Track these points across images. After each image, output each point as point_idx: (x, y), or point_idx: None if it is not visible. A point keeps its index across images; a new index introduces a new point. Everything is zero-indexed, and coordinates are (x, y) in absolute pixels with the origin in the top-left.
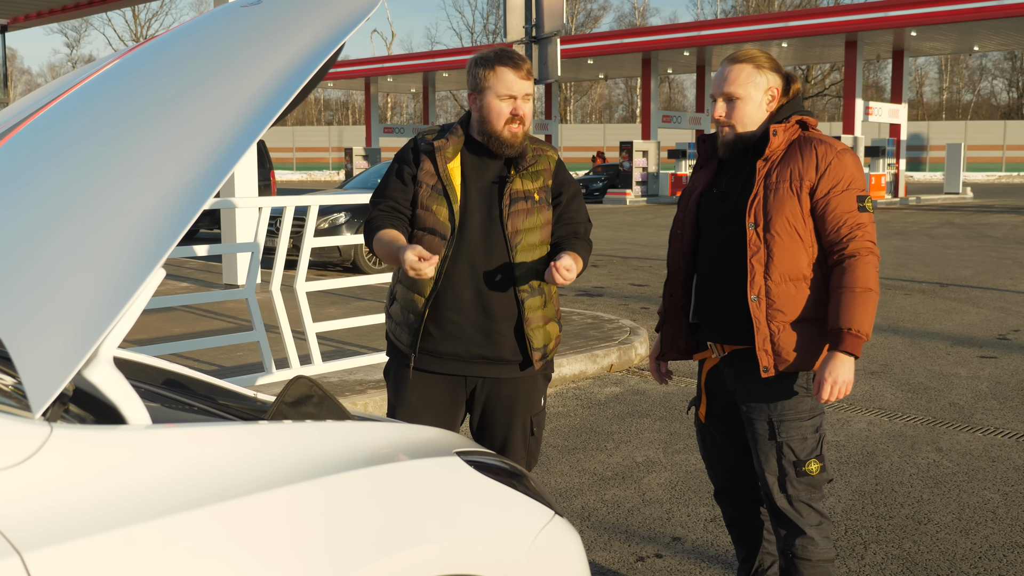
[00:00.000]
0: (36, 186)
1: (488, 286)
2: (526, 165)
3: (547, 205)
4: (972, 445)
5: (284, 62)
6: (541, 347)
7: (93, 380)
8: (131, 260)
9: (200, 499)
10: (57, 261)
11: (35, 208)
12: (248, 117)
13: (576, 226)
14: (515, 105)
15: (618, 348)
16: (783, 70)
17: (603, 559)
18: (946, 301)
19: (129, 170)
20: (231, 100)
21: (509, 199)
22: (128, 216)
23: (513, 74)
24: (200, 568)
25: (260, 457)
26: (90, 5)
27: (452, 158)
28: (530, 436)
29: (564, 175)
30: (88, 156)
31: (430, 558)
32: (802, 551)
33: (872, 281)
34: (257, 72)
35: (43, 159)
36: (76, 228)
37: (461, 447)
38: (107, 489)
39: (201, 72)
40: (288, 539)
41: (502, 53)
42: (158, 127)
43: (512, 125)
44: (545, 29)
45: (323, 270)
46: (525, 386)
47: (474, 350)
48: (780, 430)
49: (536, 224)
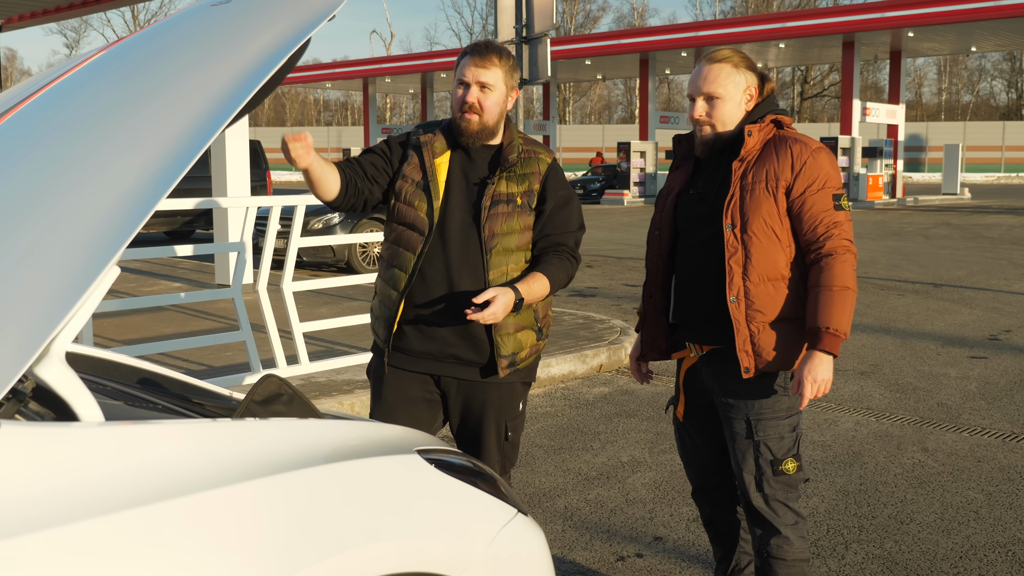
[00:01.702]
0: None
1: (460, 287)
2: (510, 166)
3: (529, 210)
4: (958, 445)
5: (246, 59)
6: (509, 355)
7: (44, 377)
8: (83, 258)
9: (150, 496)
10: (5, 259)
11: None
12: (207, 114)
13: (558, 238)
14: (467, 92)
15: (608, 348)
16: (758, 69)
17: (584, 559)
18: (939, 302)
19: (84, 169)
20: (192, 97)
21: (490, 200)
22: (80, 214)
23: (470, 61)
24: (145, 564)
25: (216, 455)
26: (84, 5)
27: (440, 153)
28: (504, 441)
29: (555, 181)
30: (45, 155)
31: (385, 555)
32: (777, 551)
33: (849, 279)
34: (219, 69)
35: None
36: (27, 226)
37: (424, 445)
38: (53, 485)
39: (165, 70)
40: (237, 536)
41: (471, 45)
42: (116, 126)
43: (464, 113)
44: (535, 29)
45: (317, 270)
46: (501, 391)
47: (447, 350)
48: (757, 429)
49: (514, 229)
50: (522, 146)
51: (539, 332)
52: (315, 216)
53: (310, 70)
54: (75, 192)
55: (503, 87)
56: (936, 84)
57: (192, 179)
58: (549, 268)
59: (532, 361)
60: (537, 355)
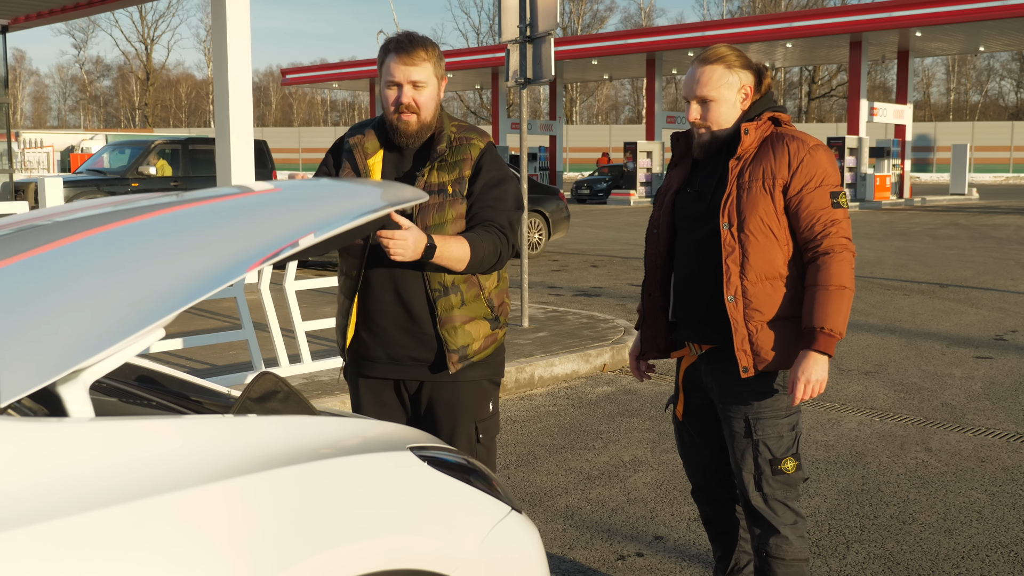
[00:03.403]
0: (81, 261)
1: (404, 288)
2: (438, 156)
3: (461, 199)
4: (962, 445)
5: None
6: (458, 348)
7: (64, 396)
8: (125, 317)
9: (139, 491)
10: (62, 304)
11: (86, 266)
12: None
13: (486, 214)
14: (399, 93)
15: (611, 348)
16: (754, 65)
17: (584, 558)
18: (945, 302)
19: (147, 266)
20: (226, 246)
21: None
22: (130, 289)
23: (397, 59)
24: (134, 559)
25: (207, 451)
26: (90, 5)
27: (372, 153)
28: (476, 443)
29: (487, 162)
30: (128, 251)
31: (375, 551)
32: (776, 550)
33: (847, 278)
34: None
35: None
36: (96, 285)
37: (418, 442)
38: (42, 480)
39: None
40: (227, 532)
41: (394, 38)
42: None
43: (400, 114)
44: (539, 28)
45: (322, 270)
46: (467, 390)
47: (403, 352)
48: (756, 428)
49: (446, 219)
50: (454, 134)
51: (494, 321)
52: None
53: (317, 70)
54: (139, 273)
55: (435, 80)
56: (944, 84)
57: (197, 179)
58: (470, 235)
59: (491, 353)
60: (497, 346)
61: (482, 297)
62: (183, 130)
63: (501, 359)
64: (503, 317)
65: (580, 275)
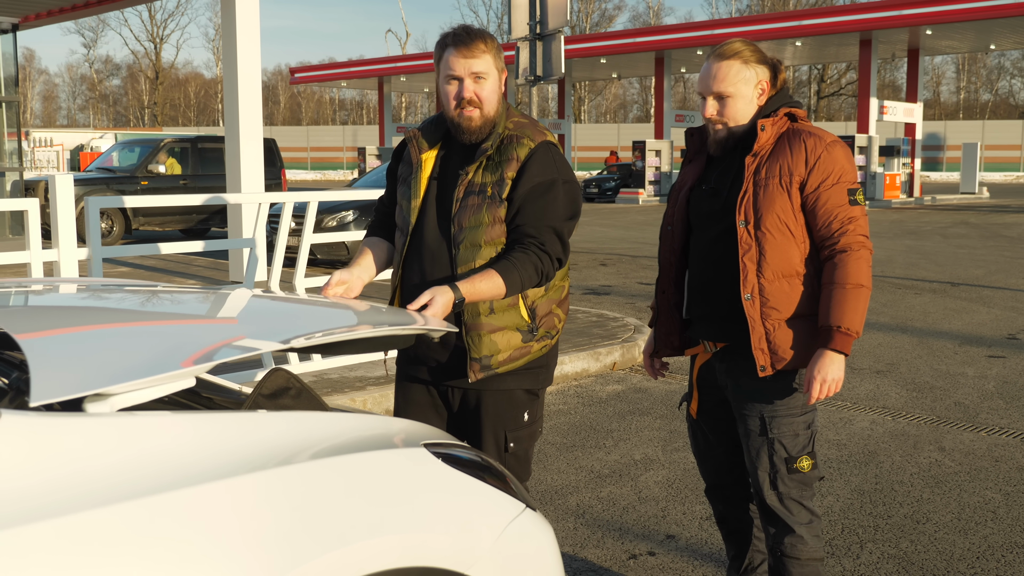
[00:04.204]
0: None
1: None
2: (483, 153)
3: (499, 201)
4: (975, 445)
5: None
6: (481, 357)
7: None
8: (151, 360)
9: (153, 487)
10: (100, 344)
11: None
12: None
13: (527, 229)
14: (460, 87)
15: (621, 346)
16: (769, 60)
17: (595, 556)
18: (956, 300)
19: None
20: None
21: (463, 191)
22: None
23: (456, 52)
24: (147, 555)
25: (220, 447)
26: (100, 4)
27: (428, 147)
28: (505, 452)
29: (535, 165)
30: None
31: (389, 548)
32: (791, 549)
33: (864, 276)
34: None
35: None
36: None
37: (431, 439)
38: (55, 476)
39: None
40: (239, 528)
41: (451, 32)
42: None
43: (463, 109)
44: (549, 26)
45: (332, 268)
46: (498, 399)
47: (432, 355)
48: (772, 426)
49: (482, 221)
50: (508, 131)
51: (529, 333)
52: (329, 213)
53: (326, 69)
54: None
55: (495, 72)
56: (954, 82)
57: (206, 177)
58: (504, 264)
59: (524, 364)
60: (532, 359)
61: (520, 306)
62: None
63: (543, 369)
64: (546, 329)
65: (589, 273)
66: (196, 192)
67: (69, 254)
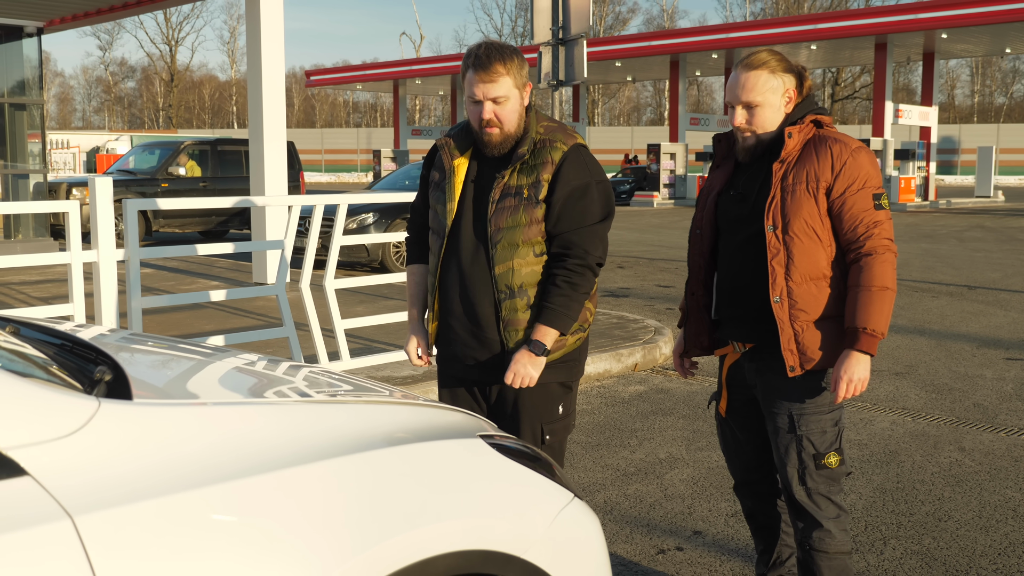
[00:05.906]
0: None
1: (471, 288)
2: (519, 158)
3: (535, 203)
4: (995, 445)
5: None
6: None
7: None
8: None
9: (236, 472)
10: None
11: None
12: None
13: (570, 236)
14: (482, 109)
15: (643, 348)
16: (795, 68)
17: (625, 551)
18: (973, 304)
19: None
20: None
21: (499, 194)
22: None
23: (475, 77)
24: (238, 535)
25: (292, 434)
26: (124, 8)
27: (459, 154)
28: (541, 444)
29: (570, 167)
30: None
31: (452, 531)
32: (819, 543)
33: (889, 279)
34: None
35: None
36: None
37: (484, 431)
38: (151, 461)
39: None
40: (320, 511)
41: (473, 52)
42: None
43: (484, 128)
44: (572, 31)
45: (351, 270)
46: (531, 393)
47: (470, 354)
48: (800, 423)
49: (519, 223)
50: (540, 135)
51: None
52: (349, 216)
53: (341, 71)
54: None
55: (516, 91)
56: (969, 86)
57: (225, 180)
58: (552, 304)
59: (559, 358)
60: (567, 352)
61: None
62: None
63: (576, 363)
64: (579, 323)
65: (607, 276)
66: (215, 194)
67: (108, 255)
